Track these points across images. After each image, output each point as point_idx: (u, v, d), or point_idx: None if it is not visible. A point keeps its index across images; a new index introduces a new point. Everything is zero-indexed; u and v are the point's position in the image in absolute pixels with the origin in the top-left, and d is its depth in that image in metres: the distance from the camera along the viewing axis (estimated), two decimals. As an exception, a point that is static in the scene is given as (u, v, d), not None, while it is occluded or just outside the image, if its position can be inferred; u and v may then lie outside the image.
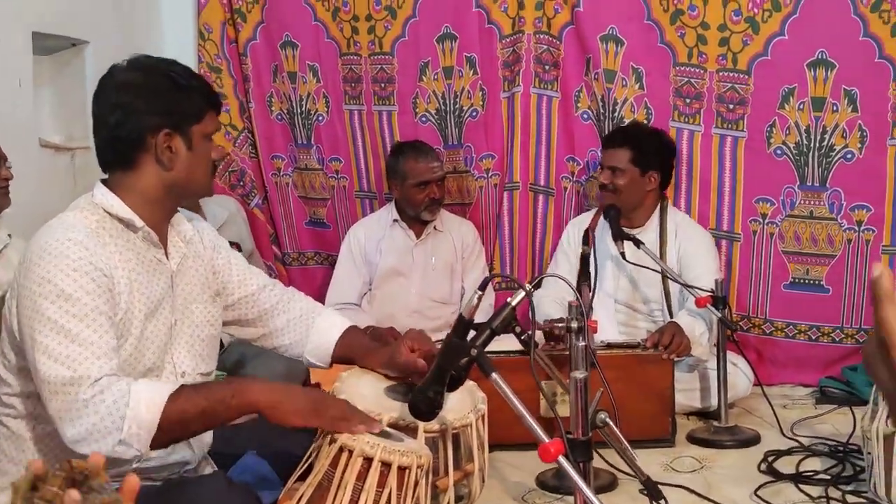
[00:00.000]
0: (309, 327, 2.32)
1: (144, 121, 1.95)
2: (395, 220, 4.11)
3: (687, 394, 3.48)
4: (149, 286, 1.98)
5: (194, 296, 2.12)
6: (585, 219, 3.90)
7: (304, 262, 4.71)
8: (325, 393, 2.02)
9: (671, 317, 3.60)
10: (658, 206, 3.80)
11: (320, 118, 4.48)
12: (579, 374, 1.78)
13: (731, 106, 3.94)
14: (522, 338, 1.98)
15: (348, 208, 4.54)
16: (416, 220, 4.06)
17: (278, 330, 2.32)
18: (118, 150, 1.98)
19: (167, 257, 2.06)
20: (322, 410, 1.86)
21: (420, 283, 4.09)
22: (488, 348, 1.92)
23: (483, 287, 1.87)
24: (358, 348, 2.30)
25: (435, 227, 4.12)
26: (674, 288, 3.66)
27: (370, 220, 4.26)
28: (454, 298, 4.14)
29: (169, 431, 1.81)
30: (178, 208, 2.13)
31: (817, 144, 3.84)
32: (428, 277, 4.10)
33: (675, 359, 3.17)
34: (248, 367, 3.60)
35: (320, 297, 4.27)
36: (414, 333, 2.28)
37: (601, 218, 3.60)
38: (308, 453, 1.96)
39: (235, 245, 4.03)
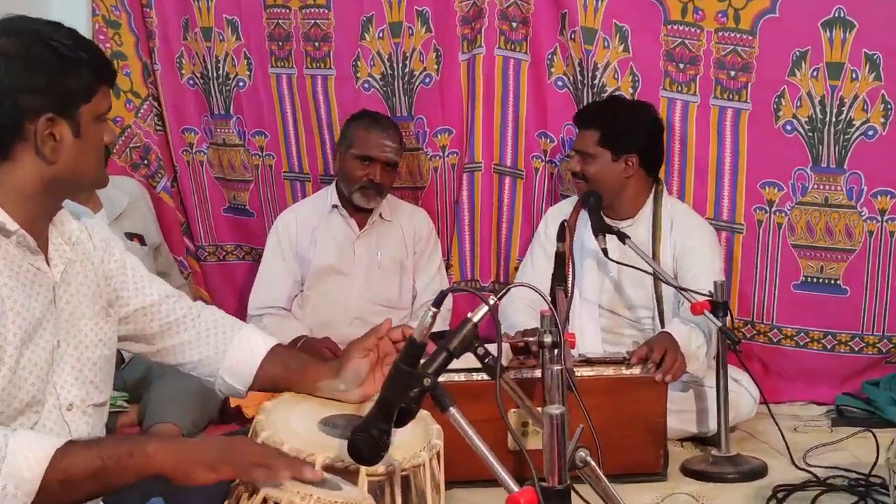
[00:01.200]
0: (227, 342, 2.29)
1: (21, 101, 1.87)
2: (335, 207, 4.06)
3: (680, 416, 3.46)
4: (26, 303, 1.92)
5: (82, 310, 2.06)
6: (567, 207, 3.88)
7: (223, 257, 4.65)
8: (239, 438, 1.95)
9: (662, 325, 3.59)
10: (651, 195, 3.78)
11: (241, 83, 4.41)
12: (555, 410, 1.73)
13: (733, 72, 3.92)
14: (486, 361, 1.94)
15: (275, 192, 4.49)
16: (358, 205, 4.00)
17: (185, 343, 2.27)
18: None
19: (48, 265, 1.99)
20: (236, 458, 1.80)
21: (363, 284, 4.05)
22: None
23: (438, 303, 1.83)
24: (295, 363, 2.29)
25: (381, 216, 4.07)
26: (667, 291, 3.65)
27: (303, 205, 4.21)
28: (404, 302, 4.10)
29: (52, 494, 1.75)
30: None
31: (833, 119, 3.84)
32: (372, 276, 4.06)
33: (669, 381, 3.15)
34: (154, 386, 3.55)
35: (242, 298, 4.24)
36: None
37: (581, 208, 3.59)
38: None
39: (138, 238, 3.99)
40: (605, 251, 3.45)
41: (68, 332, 2.02)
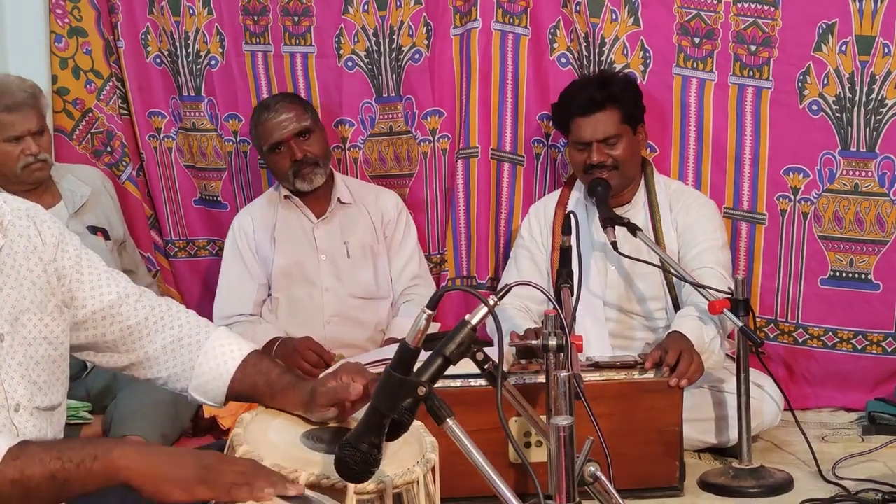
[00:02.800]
0: (194, 355, 2.28)
1: None
2: (287, 197, 4.08)
3: (697, 425, 3.47)
4: None
5: (26, 304, 2.08)
6: (550, 202, 3.89)
7: (194, 253, 4.65)
8: (214, 454, 1.95)
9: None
10: (642, 174, 3.82)
11: (213, 62, 4.41)
12: (562, 421, 1.73)
13: (754, 47, 3.92)
14: (486, 368, 1.94)
15: (251, 182, 4.49)
16: (309, 192, 4.03)
17: (151, 359, 2.28)
18: None
19: None
20: (214, 477, 1.80)
21: (333, 278, 4.07)
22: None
23: (433, 305, 1.82)
24: (264, 385, 2.26)
25: (340, 200, 4.09)
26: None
27: (257, 203, 4.23)
28: (382, 291, 4.12)
29: (4, 496, 1.76)
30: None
31: (864, 98, 3.84)
32: (342, 269, 4.08)
33: (684, 385, 3.15)
34: (120, 395, 3.55)
35: (215, 297, 4.21)
36: (350, 366, 2.24)
37: (587, 198, 3.58)
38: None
39: (101, 232, 3.98)
40: (614, 244, 3.45)
41: (13, 326, 2.04)
